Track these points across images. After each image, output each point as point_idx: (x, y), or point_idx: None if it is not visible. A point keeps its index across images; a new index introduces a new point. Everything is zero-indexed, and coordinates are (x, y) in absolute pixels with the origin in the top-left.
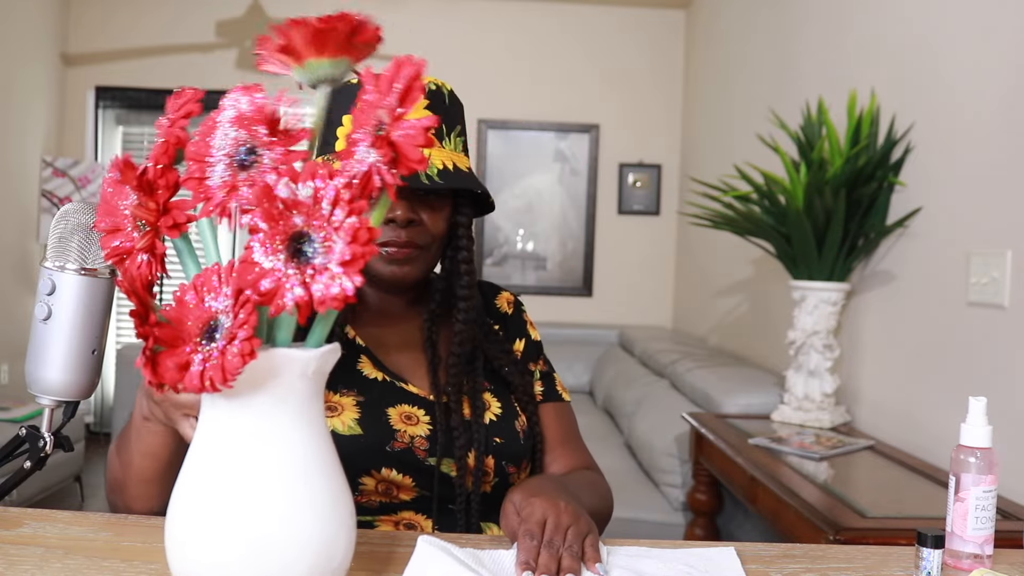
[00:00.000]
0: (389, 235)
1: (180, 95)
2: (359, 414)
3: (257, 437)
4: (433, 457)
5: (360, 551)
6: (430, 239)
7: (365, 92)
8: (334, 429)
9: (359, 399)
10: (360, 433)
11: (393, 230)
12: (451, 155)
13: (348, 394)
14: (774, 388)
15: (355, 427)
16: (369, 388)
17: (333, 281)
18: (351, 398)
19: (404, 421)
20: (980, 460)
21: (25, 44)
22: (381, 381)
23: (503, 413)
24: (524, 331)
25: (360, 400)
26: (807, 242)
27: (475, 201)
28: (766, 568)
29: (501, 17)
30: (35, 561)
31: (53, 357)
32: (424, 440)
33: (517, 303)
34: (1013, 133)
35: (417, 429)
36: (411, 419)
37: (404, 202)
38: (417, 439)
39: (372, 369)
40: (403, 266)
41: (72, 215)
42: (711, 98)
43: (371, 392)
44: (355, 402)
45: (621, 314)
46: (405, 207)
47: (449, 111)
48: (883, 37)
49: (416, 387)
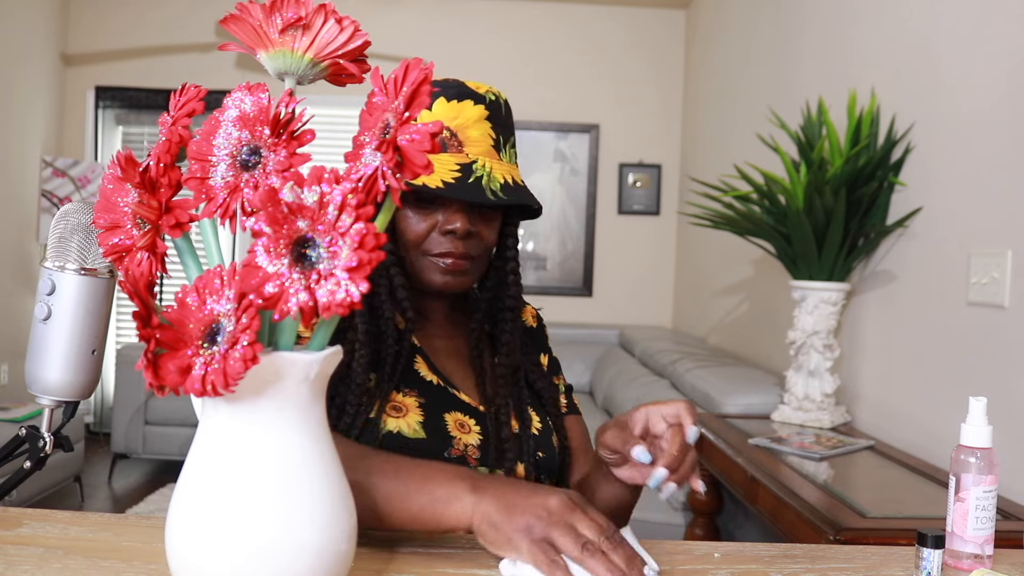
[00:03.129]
0: (447, 246)
1: (182, 92)
2: (422, 417)
3: (258, 440)
4: (484, 467)
5: (360, 552)
6: (483, 250)
7: (374, 95)
8: (400, 431)
9: (420, 401)
10: (424, 437)
11: (451, 241)
12: (509, 168)
13: (410, 394)
14: (774, 388)
15: (420, 431)
16: (427, 391)
17: (339, 287)
18: (413, 399)
19: (458, 429)
20: (980, 460)
21: (25, 44)
22: (436, 385)
23: (543, 427)
24: (546, 346)
25: (422, 402)
26: (807, 242)
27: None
28: (766, 568)
29: (501, 17)
30: (35, 561)
31: (53, 357)
32: (476, 449)
33: (539, 317)
34: (1013, 133)
35: (470, 438)
36: (464, 427)
37: (463, 214)
38: (470, 448)
39: (427, 371)
40: (458, 276)
41: (72, 215)
42: (711, 98)
43: (430, 395)
44: (417, 404)
45: (621, 314)
46: (465, 219)
47: (506, 123)
48: (883, 37)
49: (466, 396)
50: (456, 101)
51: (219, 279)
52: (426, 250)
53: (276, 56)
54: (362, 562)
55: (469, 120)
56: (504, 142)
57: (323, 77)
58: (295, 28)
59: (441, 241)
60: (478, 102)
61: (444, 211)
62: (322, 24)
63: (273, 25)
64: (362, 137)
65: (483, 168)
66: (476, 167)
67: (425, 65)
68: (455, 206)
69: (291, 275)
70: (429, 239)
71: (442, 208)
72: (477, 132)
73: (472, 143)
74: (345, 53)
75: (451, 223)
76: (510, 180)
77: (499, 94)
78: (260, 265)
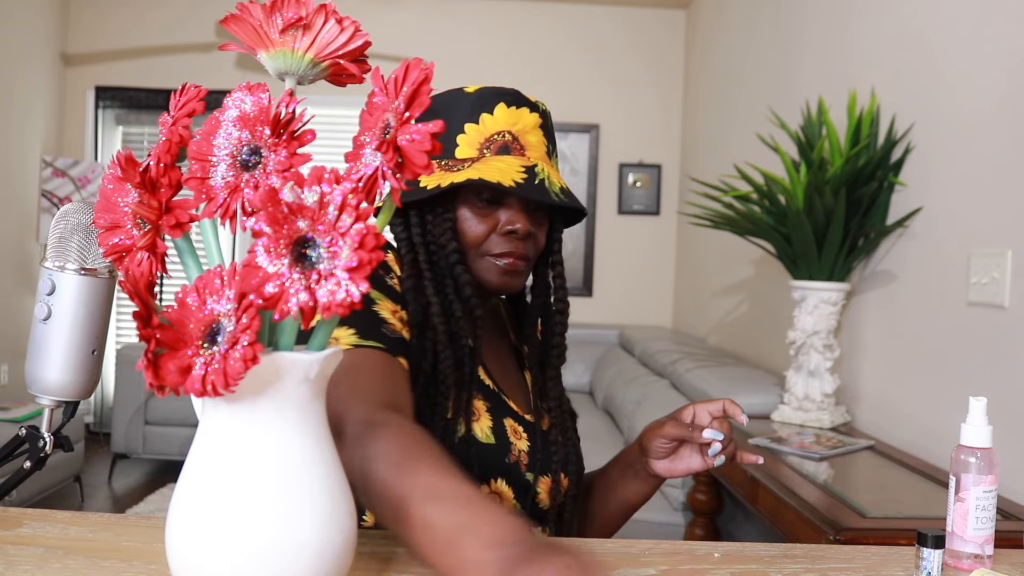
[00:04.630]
0: (508, 246)
1: (183, 92)
2: (491, 422)
3: (258, 440)
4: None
5: (361, 552)
6: (536, 252)
7: (374, 95)
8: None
9: (487, 405)
10: (493, 443)
11: (511, 242)
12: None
13: (478, 398)
14: (774, 388)
15: (490, 436)
16: (489, 395)
17: (339, 287)
18: (482, 403)
19: (513, 434)
20: (980, 460)
21: (25, 44)
22: (493, 390)
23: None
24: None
25: (488, 407)
26: (807, 242)
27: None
28: (766, 568)
29: (501, 17)
30: (35, 561)
31: (53, 357)
32: (527, 455)
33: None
34: (1013, 133)
35: (521, 444)
36: (516, 433)
37: (525, 215)
38: (522, 454)
39: (486, 376)
40: (515, 277)
41: (72, 215)
42: (711, 98)
43: (492, 400)
44: (485, 408)
45: (621, 314)
46: (526, 220)
47: (552, 133)
48: (883, 37)
49: (512, 402)
50: (515, 107)
51: (219, 279)
52: (486, 251)
53: (276, 56)
54: (362, 562)
55: (527, 126)
56: (553, 150)
57: (323, 77)
58: (295, 28)
59: (501, 241)
60: (533, 110)
61: (505, 212)
62: (322, 24)
63: (273, 25)
64: (362, 137)
65: (543, 172)
66: (538, 170)
67: (425, 65)
68: (516, 207)
69: (291, 275)
70: (489, 240)
71: (502, 209)
72: (534, 138)
73: (531, 148)
74: (345, 53)
75: (513, 223)
76: (564, 185)
77: (545, 106)
78: (260, 265)
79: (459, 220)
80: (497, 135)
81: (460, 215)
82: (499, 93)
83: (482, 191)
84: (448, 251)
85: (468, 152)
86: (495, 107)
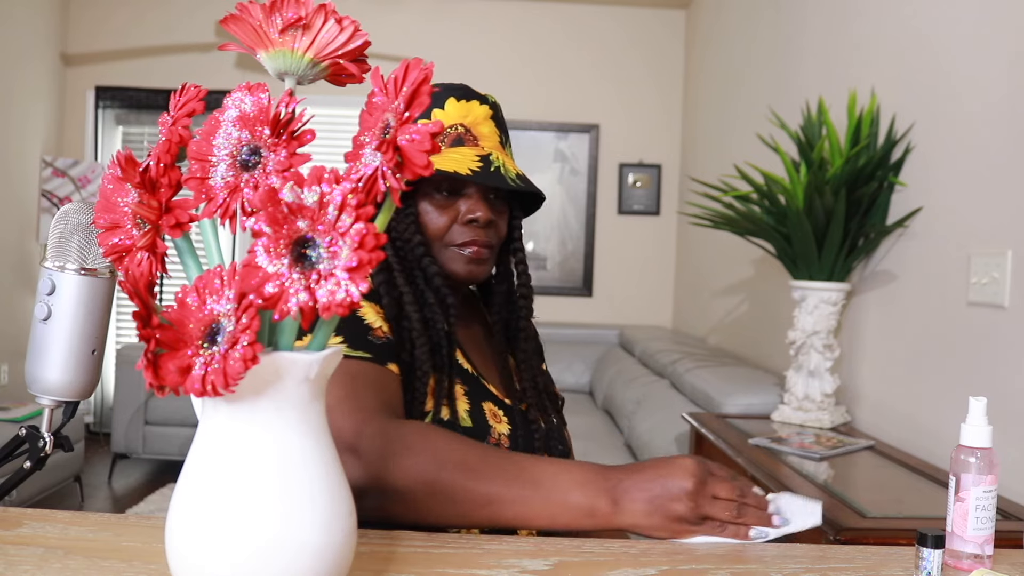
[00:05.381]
0: (470, 235)
1: (182, 92)
2: (468, 405)
3: (258, 440)
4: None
5: (360, 551)
6: (499, 240)
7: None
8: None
9: (465, 388)
10: (471, 426)
11: (474, 230)
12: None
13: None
14: (774, 388)
15: (467, 419)
16: (468, 379)
17: (339, 287)
18: (460, 387)
19: (492, 417)
20: (980, 460)
21: (25, 44)
22: (472, 374)
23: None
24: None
25: (466, 390)
26: (807, 242)
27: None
28: (766, 568)
29: (501, 17)
30: (35, 561)
31: (53, 357)
32: (507, 439)
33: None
34: (1013, 133)
35: (502, 427)
36: (496, 416)
37: (485, 203)
38: (503, 437)
39: (463, 360)
40: (480, 265)
41: (72, 215)
42: (711, 98)
43: (470, 384)
44: (463, 392)
45: (621, 314)
46: (487, 208)
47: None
48: (883, 37)
49: (492, 386)
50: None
51: (219, 279)
52: (449, 241)
53: (276, 56)
54: (362, 562)
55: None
56: (506, 140)
57: (323, 77)
58: (295, 28)
59: (463, 231)
60: (483, 102)
61: (465, 202)
62: (322, 24)
63: (273, 25)
64: (362, 137)
65: (498, 160)
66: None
67: (425, 65)
68: (476, 196)
69: (291, 275)
70: (451, 230)
71: (462, 199)
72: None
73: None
74: (345, 53)
75: (474, 212)
76: (520, 172)
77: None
78: (260, 265)
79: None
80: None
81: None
82: (448, 89)
83: (441, 184)
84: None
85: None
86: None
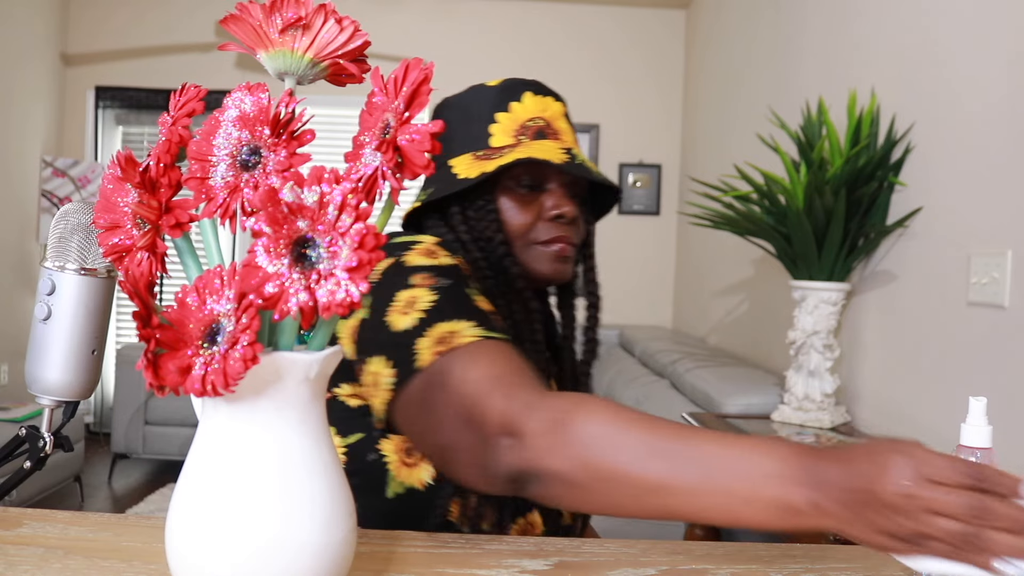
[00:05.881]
0: (557, 231)
1: (182, 92)
2: None
3: (258, 440)
4: None
5: (360, 551)
6: (580, 239)
7: (374, 95)
8: None
9: None
10: None
11: (559, 227)
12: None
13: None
14: (774, 388)
15: None
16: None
17: (339, 287)
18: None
19: None
20: (980, 460)
21: (25, 44)
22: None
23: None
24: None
25: None
26: (807, 242)
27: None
28: (766, 568)
29: (501, 17)
30: (35, 561)
31: (53, 357)
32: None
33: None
34: (1013, 133)
35: None
36: None
37: (570, 199)
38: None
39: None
40: (567, 263)
41: (72, 215)
42: (711, 98)
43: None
44: None
45: (621, 314)
46: (573, 204)
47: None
48: (883, 37)
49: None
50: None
51: (219, 279)
52: (533, 239)
53: (276, 56)
54: (362, 562)
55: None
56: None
57: (323, 77)
58: (295, 28)
59: (548, 228)
60: (557, 99)
61: (549, 198)
62: (322, 24)
63: (273, 25)
64: (362, 137)
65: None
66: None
67: (425, 65)
68: (559, 192)
69: (291, 275)
70: (536, 228)
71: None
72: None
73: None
74: (345, 53)
75: (560, 207)
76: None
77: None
78: (260, 265)
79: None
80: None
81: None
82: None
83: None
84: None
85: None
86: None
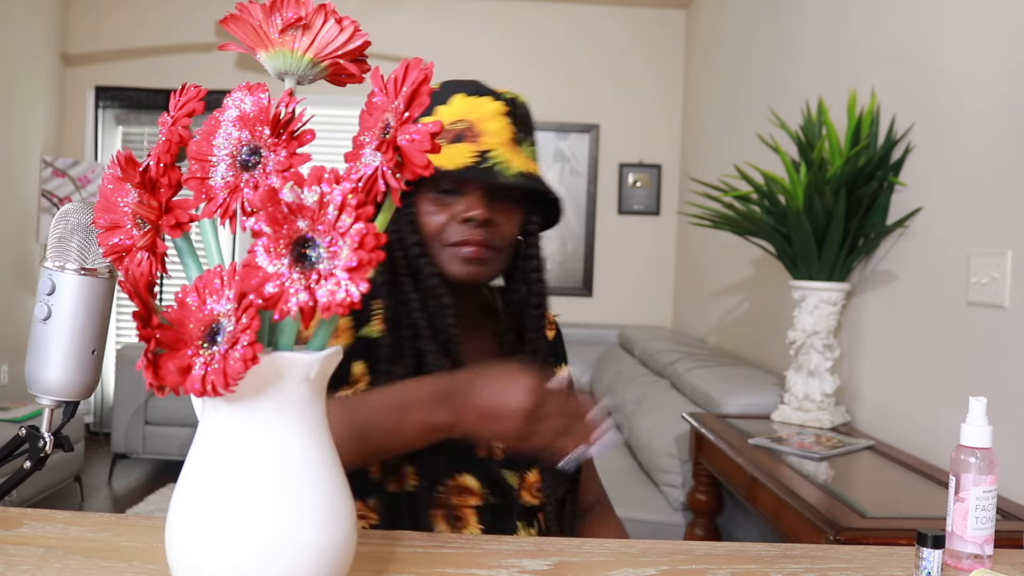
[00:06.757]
0: (465, 233)
1: (182, 92)
2: None
3: (258, 440)
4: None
5: (360, 551)
6: (502, 242)
7: (374, 95)
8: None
9: None
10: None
11: (470, 229)
12: (528, 161)
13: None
14: (774, 388)
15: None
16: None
17: (339, 287)
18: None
19: None
20: (980, 460)
21: (25, 44)
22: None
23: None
24: (566, 357)
25: None
26: (807, 242)
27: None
28: (766, 568)
29: (501, 17)
30: (35, 561)
31: (53, 357)
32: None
33: (557, 327)
34: (1013, 133)
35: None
36: None
37: (482, 202)
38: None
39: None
40: (478, 266)
41: (72, 215)
42: (711, 98)
43: None
44: None
45: (621, 314)
46: (483, 206)
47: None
48: (883, 37)
49: None
50: (476, 96)
51: (219, 279)
52: (445, 240)
53: (276, 56)
54: (362, 562)
55: (487, 114)
56: (523, 139)
57: (323, 77)
58: (295, 28)
59: (460, 230)
60: (497, 99)
61: (463, 200)
62: (322, 24)
63: (273, 25)
64: (362, 137)
65: (499, 156)
66: (492, 155)
67: (425, 65)
68: (474, 195)
69: (291, 275)
70: (448, 229)
71: (461, 198)
72: (496, 125)
73: (490, 135)
74: (345, 53)
75: (469, 210)
76: (529, 170)
77: (519, 97)
78: (260, 265)
79: (420, 213)
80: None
81: (421, 208)
82: (460, 84)
83: (440, 182)
84: (409, 243)
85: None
86: (451, 98)
